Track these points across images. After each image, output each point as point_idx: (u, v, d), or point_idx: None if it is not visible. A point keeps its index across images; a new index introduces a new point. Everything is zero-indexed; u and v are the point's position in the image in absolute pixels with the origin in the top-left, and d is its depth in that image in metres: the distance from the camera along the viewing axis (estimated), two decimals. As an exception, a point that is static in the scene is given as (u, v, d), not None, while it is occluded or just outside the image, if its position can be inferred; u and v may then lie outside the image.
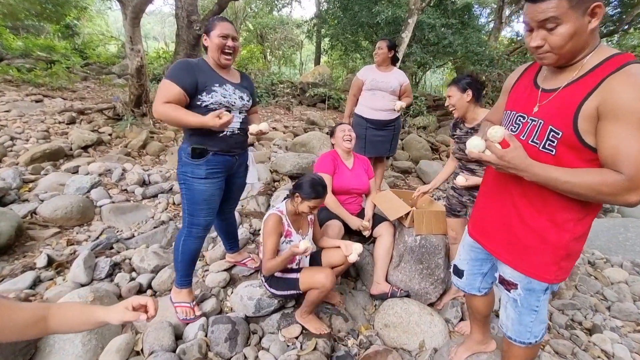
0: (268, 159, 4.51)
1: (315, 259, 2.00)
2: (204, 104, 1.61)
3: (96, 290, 1.79)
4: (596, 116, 0.90)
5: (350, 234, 2.32)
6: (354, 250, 1.81)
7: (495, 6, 11.83)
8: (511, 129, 1.11)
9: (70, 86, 6.64)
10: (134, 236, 2.55)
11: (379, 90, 2.93)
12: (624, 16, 9.05)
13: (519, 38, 12.70)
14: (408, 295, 2.08)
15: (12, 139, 3.89)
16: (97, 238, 2.50)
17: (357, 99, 3.10)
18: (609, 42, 11.34)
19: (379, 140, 3.04)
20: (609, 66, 0.90)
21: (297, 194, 1.73)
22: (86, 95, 6.38)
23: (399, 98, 3.00)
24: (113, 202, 2.91)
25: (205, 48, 1.69)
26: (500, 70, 7.96)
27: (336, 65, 14.71)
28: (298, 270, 1.80)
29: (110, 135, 4.48)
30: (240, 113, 1.76)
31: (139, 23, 4.21)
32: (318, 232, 2.04)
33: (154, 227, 2.65)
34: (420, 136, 6.85)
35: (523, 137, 1.06)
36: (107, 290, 1.86)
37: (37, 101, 5.34)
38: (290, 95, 8.87)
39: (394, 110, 2.92)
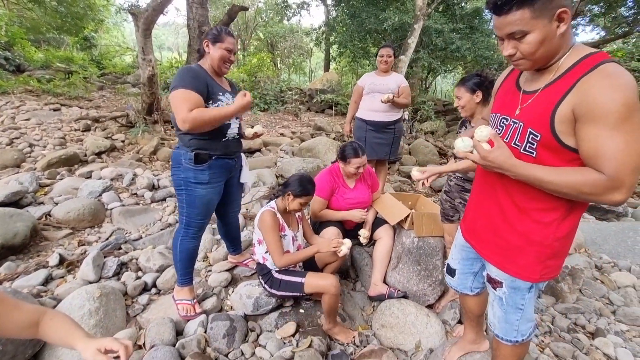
0: (274, 164, 4.60)
1: (310, 258, 2.05)
2: None
3: (103, 287, 1.88)
4: (573, 118, 0.90)
5: (349, 237, 2.35)
6: (344, 247, 1.80)
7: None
8: (496, 131, 1.13)
9: (87, 95, 6.92)
10: (141, 237, 2.64)
11: (377, 93, 3.00)
12: (639, 17, 8.86)
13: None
14: (405, 296, 2.09)
15: (30, 145, 4.09)
16: (107, 239, 2.61)
17: (358, 105, 3.16)
18: (625, 44, 11.09)
19: (378, 143, 3.08)
20: (583, 66, 0.90)
21: (288, 192, 1.80)
22: (101, 104, 6.64)
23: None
24: (123, 205, 3.03)
25: (202, 53, 1.75)
26: (509, 73, 7.89)
27: (346, 71, 14.85)
28: (302, 274, 1.83)
29: (123, 141, 4.66)
30: (236, 119, 1.83)
31: (150, 34, 4.39)
32: (308, 228, 2.08)
33: (161, 229, 2.74)
34: (427, 141, 6.85)
35: (506, 139, 1.07)
36: (114, 288, 1.94)
37: (55, 110, 5.60)
38: (298, 102, 9.00)
39: (390, 111, 2.98)
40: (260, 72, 9.30)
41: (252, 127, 1.99)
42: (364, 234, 2.23)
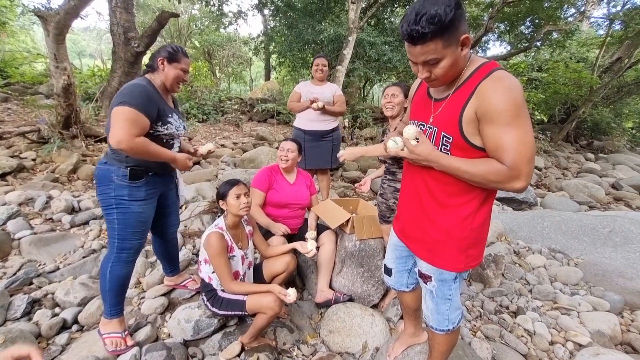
0: (215, 176, 4.42)
1: (257, 270, 2.00)
2: (156, 133, 1.61)
3: (8, 331, 1.62)
4: (476, 119, 1.03)
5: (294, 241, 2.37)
6: (309, 245, 1.89)
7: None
8: None
9: (-15, 109, 5.97)
10: (58, 269, 2.33)
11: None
12: (535, 34, 10.36)
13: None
14: (351, 299, 2.14)
15: None
16: (14, 274, 2.25)
17: None
18: (527, 57, 12.91)
19: (318, 152, 3.13)
20: (480, 74, 1.04)
21: (221, 202, 1.77)
22: (6, 117, 5.77)
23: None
24: (35, 233, 2.64)
25: (154, 68, 1.67)
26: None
27: (287, 81, 14.92)
28: None
29: (34, 160, 4.09)
30: (179, 139, 1.83)
31: (63, 40, 3.96)
32: (262, 243, 2.03)
33: (83, 257, 2.45)
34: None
35: None
36: (23, 330, 1.68)
37: (-58, 126, 4.72)
38: (239, 112, 8.80)
39: (327, 120, 3.05)
40: (197, 82, 8.92)
41: (189, 140, 1.92)
42: (311, 235, 2.23)
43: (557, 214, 3.76)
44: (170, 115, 1.66)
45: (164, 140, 1.67)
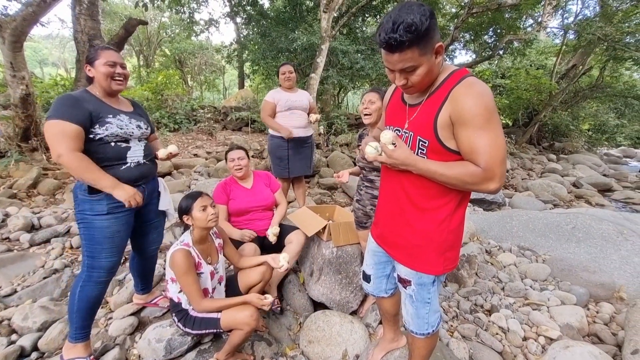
0: (188, 187, 4.30)
1: (232, 282, 1.94)
2: (97, 137, 1.51)
3: (-45, 365, 1.47)
4: (450, 123, 1.06)
5: (266, 251, 2.34)
6: (281, 260, 1.85)
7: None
8: None
9: None
10: (15, 292, 2.16)
11: (296, 109, 3.05)
12: (498, 43, 10.94)
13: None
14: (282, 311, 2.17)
15: None
16: (-36, 301, 2.06)
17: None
18: (491, 65, 13.61)
19: (300, 159, 3.14)
20: (452, 80, 1.08)
21: (185, 216, 1.69)
22: (-44, 131, 5.35)
23: (308, 114, 3.16)
24: (-12, 255, 2.44)
25: (90, 79, 1.61)
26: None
27: (261, 89, 14.86)
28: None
29: (-12, 175, 3.81)
30: (140, 141, 1.70)
31: (21, 47, 3.74)
32: (234, 255, 1.97)
33: (44, 278, 2.28)
34: (343, 152, 7.21)
35: None
36: (-28, 363, 1.53)
37: None
38: (212, 121, 8.64)
39: (309, 123, 3.06)
40: (167, 90, 8.68)
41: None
42: (273, 230, 2.25)
43: (524, 213, 3.93)
44: (111, 115, 1.56)
45: (113, 144, 1.56)
